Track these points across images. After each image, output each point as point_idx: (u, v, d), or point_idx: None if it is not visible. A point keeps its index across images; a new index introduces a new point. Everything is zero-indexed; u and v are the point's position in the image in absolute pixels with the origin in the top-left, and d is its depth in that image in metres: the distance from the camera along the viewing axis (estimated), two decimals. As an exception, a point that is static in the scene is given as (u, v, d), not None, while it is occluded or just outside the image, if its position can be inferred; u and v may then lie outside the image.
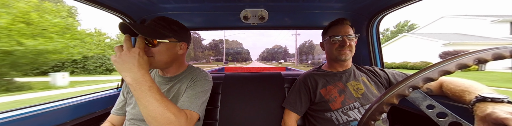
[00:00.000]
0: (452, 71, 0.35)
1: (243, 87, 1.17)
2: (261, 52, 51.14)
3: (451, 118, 0.36)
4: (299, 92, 0.96)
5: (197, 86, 0.75)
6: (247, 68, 6.54)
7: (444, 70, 0.35)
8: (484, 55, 0.34)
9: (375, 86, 0.90)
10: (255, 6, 1.07)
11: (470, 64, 0.34)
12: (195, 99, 0.70)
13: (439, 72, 0.35)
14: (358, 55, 0.93)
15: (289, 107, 0.95)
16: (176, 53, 0.75)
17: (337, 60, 0.91)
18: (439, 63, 0.36)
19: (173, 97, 0.76)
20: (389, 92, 0.38)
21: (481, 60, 0.34)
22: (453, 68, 0.35)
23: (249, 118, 1.07)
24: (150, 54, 0.68)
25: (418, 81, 0.36)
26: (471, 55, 0.35)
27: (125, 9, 1.03)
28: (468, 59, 0.35)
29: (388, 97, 0.37)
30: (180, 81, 0.79)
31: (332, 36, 0.88)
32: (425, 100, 0.38)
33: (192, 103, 0.68)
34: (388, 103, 0.37)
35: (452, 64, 0.35)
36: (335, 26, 0.90)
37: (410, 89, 0.37)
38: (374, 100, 0.41)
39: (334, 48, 0.89)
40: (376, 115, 0.39)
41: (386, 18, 1.19)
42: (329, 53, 0.93)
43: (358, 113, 0.84)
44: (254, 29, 1.50)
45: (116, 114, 0.84)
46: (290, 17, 1.26)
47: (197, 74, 0.81)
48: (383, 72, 0.95)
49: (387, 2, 0.98)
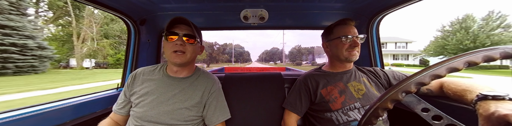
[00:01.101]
0: (443, 75, 0.35)
1: (243, 87, 1.17)
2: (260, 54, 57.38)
3: (446, 120, 0.36)
4: (299, 92, 0.96)
5: (219, 96, 0.88)
6: (247, 68, 6.54)
7: (435, 75, 0.35)
8: (474, 58, 0.34)
9: (376, 87, 0.90)
10: (255, 6, 1.07)
11: (460, 67, 0.34)
12: (224, 107, 0.88)
13: (430, 77, 0.35)
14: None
15: (289, 108, 0.95)
16: (197, 54, 0.85)
17: (345, 61, 0.90)
18: (430, 68, 0.36)
19: (188, 99, 0.80)
20: (383, 98, 0.38)
21: (471, 63, 0.34)
22: (443, 72, 0.35)
23: (249, 118, 1.07)
24: (185, 50, 0.76)
25: (410, 86, 0.36)
26: (460, 58, 0.35)
27: (125, 9, 1.03)
28: (458, 63, 0.35)
29: (382, 102, 0.38)
30: (193, 84, 0.84)
31: (342, 37, 0.86)
32: (419, 104, 0.39)
33: (226, 112, 0.87)
34: (382, 108, 0.38)
35: (442, 68, 0.35)
36: (342, 26, 0.89)
37: (403, 94, 0.37)
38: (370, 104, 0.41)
39: (344, 49, 0.87)
40: (373, 120, 0.39)
41: (386, 18, 1.19)
42: (337, 54, 0.90)
43: (358, 113, 0.84)
44: (254, 29, 1.50)
45: (119, 114, 0.84)
46: (290, 17, 1.26)
47: (211, 80, 0.89)
48: (383, 73, 0.95)
49: (387, 2, 0.98)
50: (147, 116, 0.76)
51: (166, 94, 0.79)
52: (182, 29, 0.77)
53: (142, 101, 0.79)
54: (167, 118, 0.76)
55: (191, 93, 0.82)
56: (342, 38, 0.86)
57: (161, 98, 0.79)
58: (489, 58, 0.34)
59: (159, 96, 0.79)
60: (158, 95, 0.79)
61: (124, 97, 0.84)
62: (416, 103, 0.39)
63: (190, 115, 0.80)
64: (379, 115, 0.38)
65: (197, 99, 0.82)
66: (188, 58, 0.78)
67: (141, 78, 0.84)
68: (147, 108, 0.77)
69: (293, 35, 60.24)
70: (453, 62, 0.35)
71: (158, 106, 0.77)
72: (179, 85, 0.82)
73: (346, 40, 0.86)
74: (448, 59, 0.35)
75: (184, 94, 0.81)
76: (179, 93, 0.80)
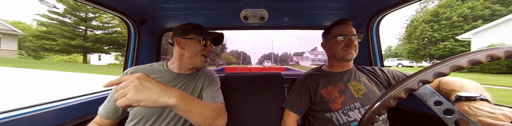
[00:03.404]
0: (447, 73, 0.35)
1: (243, 87, 1.17)
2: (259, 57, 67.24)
3: (458, 115, 0.35)
4: (299, 92, 0.96)
5: (215, 83, 0.89)
6: (247, 68, 6.53)
7: (439, 72, 0.35)
8: (479, 56, 0.34)
9: (376, 87, 0.90)
10: (255, 6, 1.07)
11: (465, 66, 0.34)
12: (219, 93, 0.85)
13: (451, 67, 0.35)
14: (358, 55, 0.93)
15: (289, 108, 0.95)
16: None
17: (342, 59, 0.90)
18: (434, 66, 0.36)
19: (192, 92, 0.83)
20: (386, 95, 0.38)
21: (475, 61, 0.34)
22: (447, 70, 0.35)
23: (249, 118, 1.07)
24: (208, 53, 0.86)
25: (429, 76, 0.36)
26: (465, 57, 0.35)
27: (125, 9, 1.03)
28: (462, 61, 0.35)
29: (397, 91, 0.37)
30: (194, 78, 0.87)
31: (337, 35, 0.87)
32: (433, 96, 0.38)
33: (219, 96, 0.83)
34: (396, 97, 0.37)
35: (447, 66, 0.35)
36: (339, 26, 0.90)
37: (420, 84, 0.37)
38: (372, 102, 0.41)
39: (339, 48, 0.88)
40: (374, 117, 0.38)
41: (386, 18, 1.19)
42: (334, 53, 0.92)
43: (358, 113, 0.84)
44: (254, 29, 1.50)
45: (106, 118, 0.76)
46: (290, 17, 1.26)
47: (209, 74, 0.93)
48: (383, 72, 0.95)
49: (387, 2, 0.98)
50: (151, 113, 0.75)
51: None
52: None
53: None
54: (173, 113, 0.77)
55: (194, 86, 0.84)
56: (338, 37, 0.87)
57: None
58: (493, 57, 0.34)
59: None
60: None
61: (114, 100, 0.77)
62: (429, 95, 0.38)
63: None
64: (381, 113, 0.38)
65: (199, 90, 0.84)
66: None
67: None
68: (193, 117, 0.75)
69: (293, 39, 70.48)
70: (458, 60, 0.35)
71: None
72: (183, 80, 0.84)
73: (342, 39, 0.87)
74: (453, 58, 0.36)
75: (190, 87, 0.83)
76: (185, 86, 0.83)
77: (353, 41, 0.86)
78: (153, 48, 1.34)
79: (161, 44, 1.37)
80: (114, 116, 0.77)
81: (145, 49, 1.28)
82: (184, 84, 0.83)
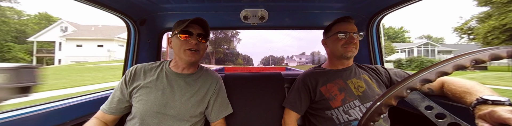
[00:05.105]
0: (450, 72, 0.35)
1: (243, 87, 1.17)
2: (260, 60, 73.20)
3: (449, 119, 0.36)
4: (298, 91, 0.96)
5: (223, 90, 0.94)
6: (247, 68, 6.53)
7: (442, 71, 0.36)
8: (481, 55, 0.34)
9: (377, 84, 0.90)
10: (255, 6, 1.07)
11: (468, 65, 0.35)
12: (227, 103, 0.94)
13: (437, 74, 0.36)
14: (358, 55, 0.94)
15: (289, 106, 0.95)
16: (205, 52, 0.88)
17: (342, 57, 0.89)
18: (437, 65, 0.36)
19: (194, 95, 0.83)
20: (387, 94, 0.38)
21: (478, 60, 0.34)
22: (450, 69, 0.35)
23: (249, 118, 1.07)
24: (199, 48, 0.80)
25: (415, 83, 0.36)
26: (468, 56, 0.35)
27: (125, 9, 1.03)
28: (465, 60, 0.35)
29: (387, 99, 0.38)
30: (198, 79, 0.88)
31: (338, 32, 0.86)
32: (423, 101, 0.38)
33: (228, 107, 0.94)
34: (386, 104, 0.38)
35: (449, 65, 0.35)
36: (341, 23, 0.90)
37: (408, 91, 0.37)
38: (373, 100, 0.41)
39: (340, 45, 0.87)
40: (375, 116, 0.39)
41: (386, 18, 1.19)
42: (334, 50, 0.91)
43: (359, 111, 0.83)
44: (254, 29, 1.50)
45: (109, 113, 0.79)
46: (290, 17, 1.26)
47: (215, 77, 0.93)
48: (384, 70, 0.95)
49: (387, 2, 0.98)
50: (152, 111, 0.76)
51: (172, 90, 0.80)
52: (196, 29, 0.81)
53: (146, 96, 0.78)
54: (173, 113, 0.77)
55: (196, 89, 0.84)
56: (339, 34, 0.87)
57: (166, 93, 0.79)
58: (496, 56, 0.34)
59: (164, 92, 0.79)
60: (162, 90, 0.79)
61: (120, 94, 0.81)
62: (420, 101, 0.39)
63: (196, 111, 0.81)
64: (382, 112, 0.38)
65: (202, 95, 0.84)
66: (200, 56, 0.83)
67: (142, 74, 0.83)
68: (151, 103, 0.76)
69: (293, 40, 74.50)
70: (460, 59, 0.35)
71: (163, 101, 0.77)
72: (184, 81, 0.83)
73: (343, 36, 0.86)
74: (455, 57, 0.36)
75: (190, 90, 0.82)
76: (184, 89, 0.82)
77: (354, 38, 0.85)
78: (153, 48, 1.34)
79: (161, 44, 1.37)
80: (118, 111, 0.81)
81: (145, 49, 1.28)
82: (186, 87, 0.83)
